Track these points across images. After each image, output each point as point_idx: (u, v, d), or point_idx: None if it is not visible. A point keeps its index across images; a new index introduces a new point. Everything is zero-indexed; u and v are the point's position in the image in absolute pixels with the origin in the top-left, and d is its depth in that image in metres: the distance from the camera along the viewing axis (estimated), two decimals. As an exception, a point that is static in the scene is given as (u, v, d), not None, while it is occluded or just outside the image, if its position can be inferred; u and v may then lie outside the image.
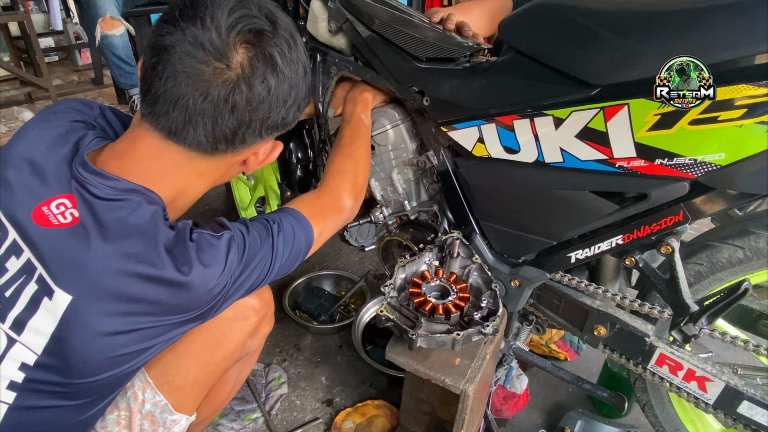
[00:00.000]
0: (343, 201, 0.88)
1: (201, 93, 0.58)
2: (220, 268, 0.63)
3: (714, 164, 0.68)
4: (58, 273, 0.58)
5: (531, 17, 0.82)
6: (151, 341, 0.63)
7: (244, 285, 0.69)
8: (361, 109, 1.06)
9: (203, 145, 0.63)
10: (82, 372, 0.61)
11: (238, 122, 0.61)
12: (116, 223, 0.59)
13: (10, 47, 3.23)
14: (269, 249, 0.71)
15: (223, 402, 0.86)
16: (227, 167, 0.70)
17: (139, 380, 0.71)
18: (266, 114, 0.63)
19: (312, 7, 1.10)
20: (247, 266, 0.68)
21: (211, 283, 0.62)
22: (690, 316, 0.79)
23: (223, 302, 0.68)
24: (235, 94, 0.59)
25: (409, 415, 1.09)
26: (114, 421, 0.71)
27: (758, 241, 0.81)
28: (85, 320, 0.58)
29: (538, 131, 0.81)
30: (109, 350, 0.60)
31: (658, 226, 0.78)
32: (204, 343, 0.72)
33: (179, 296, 0.61)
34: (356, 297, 1.63)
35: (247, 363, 0.85)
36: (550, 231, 0.91)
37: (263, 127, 0.64)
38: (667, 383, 0.88)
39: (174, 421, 0.73)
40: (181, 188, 0.67)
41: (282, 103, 0.64)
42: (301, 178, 1.39)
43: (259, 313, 0.77)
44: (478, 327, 0.84)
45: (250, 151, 0.68)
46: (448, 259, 1.01)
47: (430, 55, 0.96)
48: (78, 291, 0.58)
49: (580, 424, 1.14)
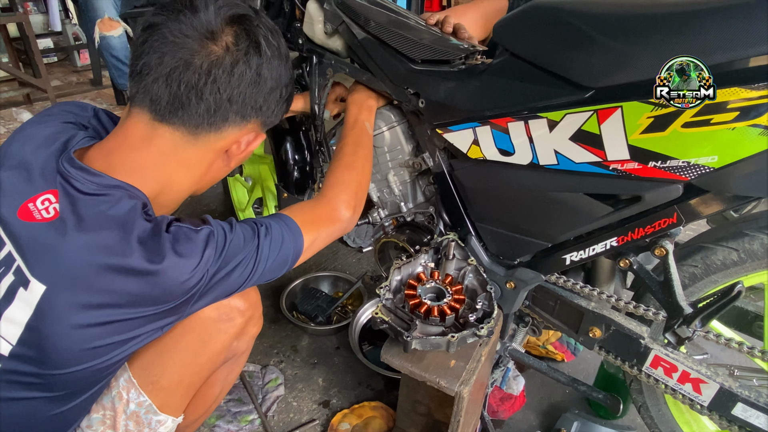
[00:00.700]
0: (339, 212, 0.87)
1: (185, 63, 0.61)
2: (195, 260, 0.62)
3: (707, 167, 0.68)
4: (34, 263, 0.59)
5: (525, 20, 0.82)
6: (125, 334, 0.62)
7: (223, 283, 0.68)
8: (366, 117, 1.04)
9: (186, 123, 0.65)
10: (56, 363, 0.60)
11: (220, 97, 0.64)
12: (94, 216, 0.60)
13: (9, 48, 3.24)
14: (253, 250, 0.70)
15: (212, 404, 0.86)
16: (211, 158, 0.71)
17: (124, 380, 0.71)
18: (247, 92, 0.65)
19: (308, 8, 1.10)
20: (226, 264, 0.66)
21: (184, 275, 0.61)
22: (684, 319, 0.79)
23: (200, 298, 0.66)
24: (219, 68, 0.62)
25: (406, 417, 1.09)
26: (99, 421, 0.71)
27: (752, 244, 0.81)
28: (58, 310, 0.58)
29: (533, 133, 0.81)
30: (82, 341, 0.60)
31: (652, 229, 0.78)
32: (188, 343, 0.71)
33: (151, 287, 0.60)
34: (353, 298, 1.63)
35: (235, 365, 0.84)
36: (545, 233, 0.91)
37: (245, 108, 0.66)
38: (662, 385, 0.89)
39: (159, 422, 0.72)
40: (165, 181, 0.68)
41: (264, 83, 0.66)
42: (298, 179, 1.39)
43: (244, 315, 0.76)
44: (473, 329, 0.84)
45: (232, 137, 0.69)
46: (444, 260, 1.01)
47: (426, 57, 0.96)
48: (52, 281, 0.58)
49: (577, 425, 1.14)
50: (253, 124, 0.72)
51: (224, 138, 0.69)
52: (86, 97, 3.39)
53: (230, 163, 0.75)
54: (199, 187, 0.76)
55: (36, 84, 2.86)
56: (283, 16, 1.26)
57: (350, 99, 1.09)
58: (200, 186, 0.77)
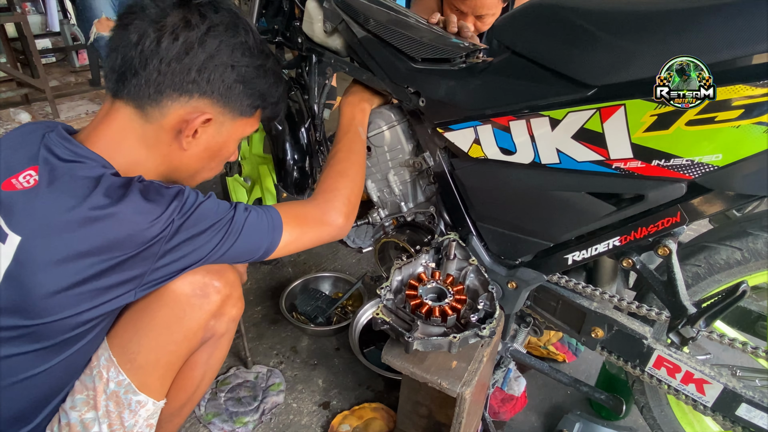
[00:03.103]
0: (330, 217, 0.88)
1: (137, 39, 0.68)
2: (161, 208, 0.65)
3: (711, 165, 0.67)
4: (11, 219, 0.63)
5: (527, 17, 0.82)
6: (97, 282, 0.64)
7: (190, 244, 0.68)
8: (360, 120, 1.05)
9: (132, 96, 0.70)
10: (35, 310, 0.62)
11: (149, 68, 0.69)
12: (67, 176, 0.65)
13: (7, 48, 3.22)
14: (227, 221, 0.72)
15: (195, 390, 0.84)
16: (165, 137, 0.73)
17: (104, 359, 0.72)
18: (175, 64, 0.69)
19: (307, 7, 1.10)
20: (195, 224, 0.68)
21: (148, 220, 0.64)
22: (688, 319, 0.78)
23: (167, 255, 0.67)
24: (147, 39, 0.68)
25: (406, 418, 1.09)
26: (83, 401, 0.72)
27: (756, 243, 0.80)
28: (33, 257, 0.62)
29: (535, 132, 0.81)
30: (56, 285, 0.62)
31: (655, 228, 0.77)
32: (163, 319, 0.72)
33: (116, 229, 0.63)
34: (353, 299, 1.63)
35: (215, 347, 0.82)
36: (547, 232, 0.90)
37: (178, 80, 0.70)
38: (665, 385, 0.88)
39: (139, 403, 0.72)
40: (131, 158, 0.72)
41: (194, 56, 0.70)
42: (297, 179, 1.38)
43: (220, 292, 0.76)
44: (475, 329, 0.84)
45: (176, 114, 0.72)
46: (445, 261, 1.01)
47: (426, 55, 0.96)
48: (27, 231, 0.62)
49: (579, 426, 1.13)
50: (199, 102, 0.73)
51: (168, 114, 0.72)
52: (84, 97, 3.38)
53: (188, 147, 0.75)
54: (173, 177, 0.79)
55: (34, 84, 2.85)
56: (283, 14, 1.26)
57: (344, 100, 1.09)
58: (175, 177, 0.80)
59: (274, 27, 1.28)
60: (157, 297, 0.71)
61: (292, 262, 1.81)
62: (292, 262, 1.81)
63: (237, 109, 0.77)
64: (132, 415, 0.72)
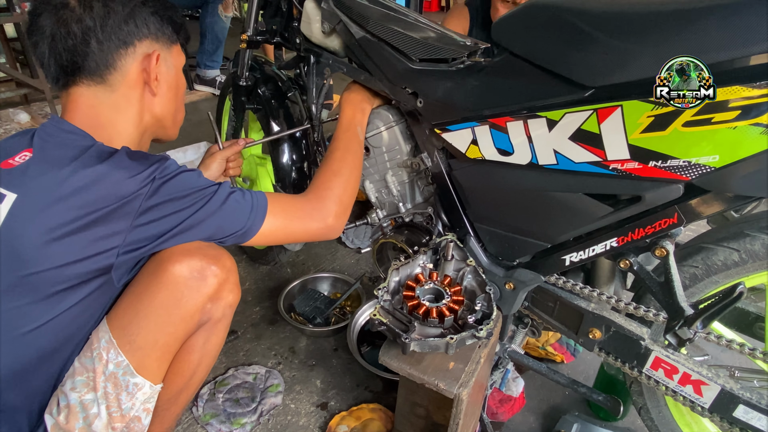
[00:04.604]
0: (319, 214, 0.89)
1: (64, 31, 0.74)
2: (141, 167, 0.70)
3: (708, 166, 0.67)
4: (9, 183, 0.70)
5: (524, 18, 0.81)
6: (83, 233, 0.67)
7: (166, 207, 0.72)
8: (359, 120, 1.05)
9: (92, 74, 0.76)
10: (27, 259, 0.67)
11: (100, 37, 0.75)
12: (59, 145, 0.72)
13: (6, 49, 3.22)
14: (208, 194, 0.75)
15: (192, 375, 0.85)
16: (134, 94, 0.80)
17: (105, 341, 0.73)
18: (114, 23, 0.76)
19: (305, 8, 1.10)
20: (173, 188, 0.72)
21: (126, 176, 0.69)
22: (685, 320, 0.78)
23: (143, 213, 0.70)
24: (84, 17, 0.74)
25: (404, 419, 1.08)
26: (83, 383, 0.73)
27: (754, 244, 0.80)
28: (25, 209, 0.68)
29: (532, 133, 0.81)
30: (46, 233, 0.66)
31: (652, 229, 0.77)
32: (162, 301, 0.74)
33: (97, 182, 0.68)
34: (352, 299, 1.62)
35: (212, 333, 0.84)
36: (545, 233, 0.90)
37: (121, 36, 0.77)
38: (663, 387, 0.88)
39: (136, 385, 0.74)
40: (113, 131, 0.79)
41: (120, 7, 0.77)
42: (295, 179, 1.38)
43: (217, 276, 0.78)
44: (472, 330, 0.84)
45: (133, 68, 0.79)
46: (443, 261, 1.01)
47: (424, 56, 0.95)
48: (21, 190, 0.69)
49: (576, 427, 1.13)
50: (142, 47, 0.80)
51: (127, 71, 0.79)
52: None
53: (157, 90, 0.83)
54: (155, 129, 0.87)
55: (33, 85, 2.85)
56: (281, 15, 1.26)
57: (345, 99, 1.08)
58: (157, 128, 0.88)
59: (272, 27, 1.28)
60: (156, 280, 0.74)
61: (290, 263, 1.81)
62: (291, 263, 1.81)
63: (167, 38, 0.84)
64: (129, 397, 0.74)
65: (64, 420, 0.72)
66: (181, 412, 0.91)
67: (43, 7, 0.75)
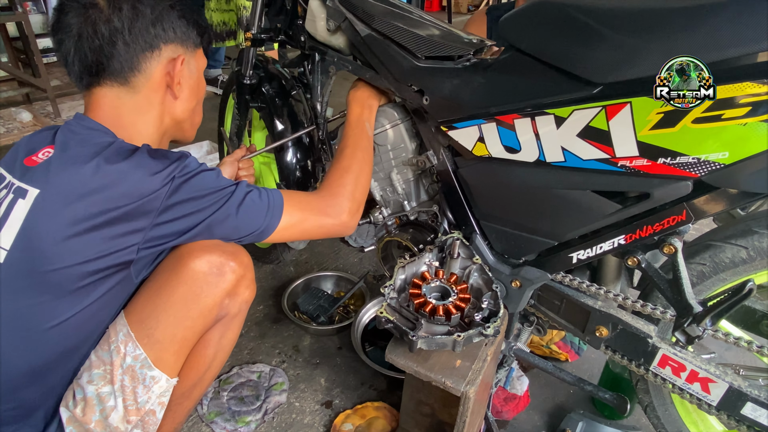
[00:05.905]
0: (333, 210, 0.90)
1: (91, 30, 0.74)
2: (161, 165, 0.71)
3: (717, 163, 0.67)
4: (32, 179, 0.70)
5: (532, 15, 0.81)
6: (103, 231, 0.68)
7: (187, 206, 0.72)
8: (367, 116, 1.05)
9: (116, 76, 0.77)
10: (47, 255, 0.67)
11: (126, 39, 0.76)
12: (81, 142, 0.72)
13: (8, 48, 3.22)
14: (227, 194, 0.76)
15: (206, 369, 0.86)
16: (155, 97, 0.81)
17: (123, 334, 0.74)
18: (141, 25, 0.76)
19: (310, 5, 1.10)
20: (193, 186, 0.72)
21: (147, 174, 0.69)
22: (693, 317, 0.78)
23: (164, 211, 0.70)
24: (112, 18, 0.75)
25: (409, 417, 1.08)
26: (100, 376, 0.73)
27: (762, 241, 0.80)
28: (47, 205, 0.68)
29: (539, 130, 0.80)
30: (66, 229, 0.67)
31: (660, 226, 0.77)
32: (181, 296, 0.75)
33: (119, 180, 0.68)
34: (355, 298, 1.62)
35: (227, 328, 0.85)
36: (552, 231, 0.90)
37: (148, 39, 0.77)
38: (670, 385, 0.88)
39: (153, 379, 0.74)
40: (133, 131, 0.79)
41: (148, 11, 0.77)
42: (299, 178, 1.38)
43: (235, 272, 0.79)
44: (479, 328, 0.83)
45: (158, 71, 0.79)
46: (449, 259, 1.00)
47: (430, 53, 0.95)
48: (45, 185, 0.69)
49: (582, 425, 1.13)
50: (167, 50, 0.80)
51: (152, 74, 0.79)
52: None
53: (179, 94, 0.84)
54: (174, 131, 0.89)
55: (36, 84, 2.85)
56: (285, 13, 1.25)
57: (352, 96, 1.08)
58: (176, 131, 0.89)
59: (276, 25, 1.28)
60: (176, 275, 0.75)
61: (294, 261, 1.81)
62: (294, 261, 1.81)
63: (192, 42, 0.84)
64: (146, 390, 0.74)
65: (80, 413, 0.72)
66: (193, 407, 0.91)
67: (70, 5, 0.75)
